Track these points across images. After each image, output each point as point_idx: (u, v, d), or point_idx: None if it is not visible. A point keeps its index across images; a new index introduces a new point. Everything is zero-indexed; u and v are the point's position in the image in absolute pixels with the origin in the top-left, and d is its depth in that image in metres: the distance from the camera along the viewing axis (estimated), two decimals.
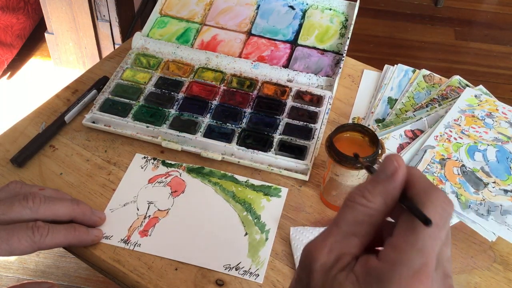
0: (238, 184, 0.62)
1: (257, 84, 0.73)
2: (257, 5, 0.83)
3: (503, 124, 0.67)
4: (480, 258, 0.57)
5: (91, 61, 1.76)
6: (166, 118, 0.68)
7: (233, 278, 0.54)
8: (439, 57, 1.97)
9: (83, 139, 0.67)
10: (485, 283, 0.55)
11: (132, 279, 0.53)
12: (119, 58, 0.77)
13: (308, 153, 0.64)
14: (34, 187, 0.55)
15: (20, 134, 0.66)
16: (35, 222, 0.50)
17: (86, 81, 0.74)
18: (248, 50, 0.78)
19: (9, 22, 1.74)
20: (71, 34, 1.69)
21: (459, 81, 0.74)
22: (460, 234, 0.59)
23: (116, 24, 1.66)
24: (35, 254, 1.31)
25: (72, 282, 1.27)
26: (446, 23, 2.13)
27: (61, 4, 1.60)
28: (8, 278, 1.28)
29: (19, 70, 1.83)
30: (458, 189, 0.59)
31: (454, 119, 0.67)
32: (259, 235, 0.57)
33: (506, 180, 0.61)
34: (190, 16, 0.82)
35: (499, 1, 2.28)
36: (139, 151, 0.66)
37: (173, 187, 0.62)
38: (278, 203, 0.61)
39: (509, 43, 2.04)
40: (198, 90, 0.71)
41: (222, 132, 0.66)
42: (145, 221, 0.58)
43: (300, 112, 0.69)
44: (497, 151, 0.64)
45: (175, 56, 0.76)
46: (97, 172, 0.63)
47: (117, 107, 0.68)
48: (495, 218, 0.57)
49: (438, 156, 0.63)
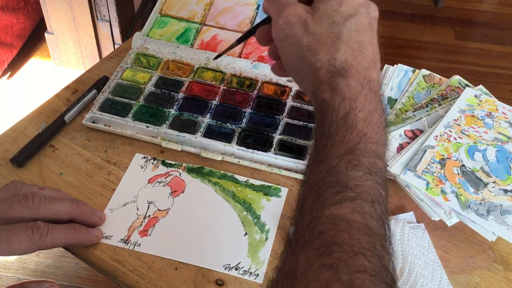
0: (238, 184, 0.62)
1: (257, 84, 0.73)
2: (257, 5, 0.83)
3: (503, 124, 0.67)
4: (480, 258, 0.57)
5: (91, 61, 1.75)
6: (166, 118, 0.68)
7: (233, 278, 0.54)
8: (439, 57, 1.97)
9: (83, 139, 0.67)
10: (485, 283, 0.55)
11: (132, 279, 0.53)
12: (119, 58, 0.77)
13: (308, 153, 0.64)
14: (34, 187, 0.55)
15: (20, 134, 0.66)
16: (35, 222, 0.50)
17: (86, 81, 0.74)
18: (248, 50, 0.78)
19: (9, 22, 1.74)
20: (71, 34, 1.69)
21: (459, 81, 0.74)
22: (460, 234, 0.59)
23: (116, 24, 1.66)
24: (35, 254, 1.31)
25: (72, 282, 1.27)
26: (446, 23, 2.13)
27: (61, 4, 1.60)
28: (8, 278, 1.28)
29: (19, 70, 1.83)
30: (458, 189, 0.59)
31: (454, 119, 0.67)
32: (259, 235, 0.57)
33: (506, 180, 0.61)
34: (190, 16, 0.82)
35: (499, 1, 2.28)
36: (139, 151, 0.66)
37: (173, 187, 0.62)
38: (278, 203, 0.61)
39: (509, 43, 2.04)
40: (198, 90, 0.71)
41: (222, 132, 0.66)
42: (145, 221, 0.58)
43: (300, 112, 0.69)
44: (497, 151, 0.64)
45: (175, 56, 0.76)
46: (97, 172, 0.63)
47: (117, 107, 0.68)
48: (495, 218, 0.57)
49: (438, 156, 0.63)
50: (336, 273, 0.33)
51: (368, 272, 0.33)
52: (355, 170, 0.38)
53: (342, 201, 0.36)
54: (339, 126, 0.40)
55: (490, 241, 0.57)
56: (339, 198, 0.37)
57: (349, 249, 0.34)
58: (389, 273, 0.35)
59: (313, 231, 0.35)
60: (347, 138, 0.39)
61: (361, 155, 0.39)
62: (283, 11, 0.44)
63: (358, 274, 0.33)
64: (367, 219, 0.36)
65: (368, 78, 0.42)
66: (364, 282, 0.33)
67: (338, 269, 0.33)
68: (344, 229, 0.35)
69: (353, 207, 0.36)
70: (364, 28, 0.44)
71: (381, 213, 0.37)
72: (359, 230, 0.35)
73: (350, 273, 0.33)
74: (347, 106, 0.41)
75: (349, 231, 0.35)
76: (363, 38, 0.43)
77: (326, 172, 0.38)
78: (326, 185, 0.38)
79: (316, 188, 0.38)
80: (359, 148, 0.39)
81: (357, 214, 0.36)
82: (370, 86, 0.42)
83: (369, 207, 0.36)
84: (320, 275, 0.33)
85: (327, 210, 0.36)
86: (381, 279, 0.34)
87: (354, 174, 0.38)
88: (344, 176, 0.38)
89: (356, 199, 0.36)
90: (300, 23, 0.43)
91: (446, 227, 0.58)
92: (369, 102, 0.41)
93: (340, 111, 0.40)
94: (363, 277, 0.33)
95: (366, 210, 0.36)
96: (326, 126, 0.41)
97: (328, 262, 0.33)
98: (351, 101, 0.41)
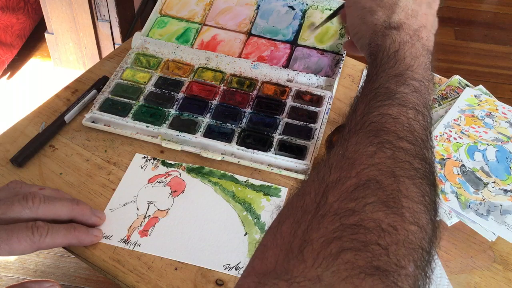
0: (238, 184, 0.62)
1: (257, 84, 0.73)
2: (257, 5, 0.83)
3: (503, 124, 0.67)
4: (480, 258, 0.57)
5: (91, 61, 1.75)
6: (166, 118, 0.68)
7: (233, 278, 0.54)
8: (439, 57, 1.97)
9: (83, 139, 0.67)
10: (485, 283, 0.55)
11: (132, 279, 0.53)
12: (119, 58, 0.77)
13: (308, 153, 0.64)
14: (34, 187, 0.55)
15: (20, 134, 0.66)
16: (34, 222, 0.50)
17: (86, 81, 0.74)
18: (248, 50, 0.78)
19: (9, 22, 1.74)
20: (71, 34, 1.69)
21: (459, 81, 0.75)
22: (460, 234, 0.59)
23: (116, 24, 1.66)
24: (35, 254, 1.31)
25: (72, 282, 1.27)
26: (446, 23, 2.13)
27: (61, 4, 1.60)
28: (8, 278, 1.28)
29: (19, 70, 1.83)
30: (458, 189, 0.59)
31: (454, 119, 0.67)
32: (259, 235, 0.57)
33: (506, 180, 0.61)
34: (190, 16, 0.82)
35: (499, 1, 2.28)
36: (139, 151, 0.66)
37: (173, 187, 0.62)
38: (278, 203, 0.61)
39: (509, 43, 2.04)
40: (198, 90, 0.71)
41: (222, 132, 0.66)
42: (145, 221, 0.58)
43: (300, 112, 0.69)
44: (496, 151, 0.64)
45: (175, 56, 0.76)
46: (97, 172, 0.63)
47: (117, 106, 0.68)
48: (494, 218, 0.57)
49: (438, 156, 0.63)
50: (382, 147, 0.38)
51: (410, 152, 0.38)
52: (403, 86, 0.44)
53: (390, 105, 0.42)
54: (390, 58, 0.47)
55: (490, 241, 0.57)
56: (388, 102, 0.42)
57: (395, 135, 0.39)
58: (429, 158, 0.39)
59: (364, 123, 0.41)
60: (396, 66, 0.46)
61: (408, 78, 0.44)
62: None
63: (401, 150, 0.38)
64: (411, 122, 0.41)
65: (417, 34, 0.49)
66: (406, 156, 0.37)
67: (384, 145, 0.38)
68: (391, 123, 0.40)
69: (399, 111, 0.41)
70: (421, 1, 0.52)
71: (425, 124, 0.42)
72: (404, 126, 0.40)
73: (394, 149, 0.38)
74: (396, 46, 0.47)
75: (395, 124, 0.40)
76: (418, 8, 0.51)
77: (378, 87, 0.44)
78: (377, 95, 0.43)
79: (368, 97, 0.43)
80: (407, 74, 0.45)
81: (403, 116, 0.41)
82: (418, 39, 0.49)
83: (414, 114, 0.41)
84: (367, 147, 0.38)
85: (377, 110, 0.41)
86: (422, 159, 0.38)
87: (402, 89, 0.43)
88: (394, 89, 0.43)
89: (403, 106, 0.42)
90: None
91: (446, 227, 0.58)
92: (416, 48, 0.48)
93: (390, 49, 0.47)
94: (405, 153, 0.38)
95: (411, 116, 0.41)
96: (378, 60, 0.47)
97: (376, 141, 0.38)
98: (401, 43, 0.48)
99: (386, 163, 0.36)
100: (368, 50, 0.51)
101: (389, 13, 0.50)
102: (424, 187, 0.36)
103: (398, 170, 0.36)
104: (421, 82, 0.45)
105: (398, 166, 0.36)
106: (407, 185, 0.35)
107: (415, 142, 0.39)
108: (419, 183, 0.36)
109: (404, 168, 0.36)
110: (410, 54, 0.47)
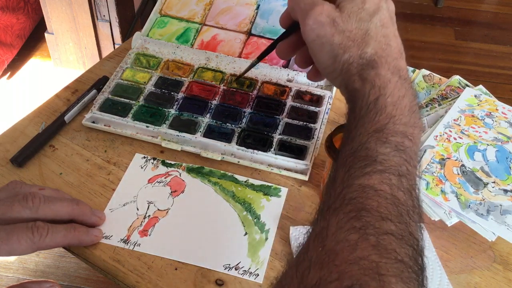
0: (238, 184, 0.62)
1: (257, 84, 0.73)
2: (257, 5, 0.83)
3: (503, 124, 0.67)
4: (480, 258, 0.57)
5: (91, 61, 1.76)
6: (166, 118, 0.68)
7: (233, 278, 0.54)
8: (439, 57, 1.97)
9: (83, 139, 0.67)
10: (485, 283, 0.55)
11: (132, 279, 0.53)
12: (119, 58, 0.77)
13: (308, 153, 0.64)
14: (34, 187, 0.55)
15: (20, 134, 0.66)
16: (34, 222, 0.50)
17: (86, 81, 0.74)
18: (248, 50, 0.78)
19: (9, 22, 1.74)
20: (71, 34, 1.69)
21: (459, 81, 0.75)
22: (460, 234, 0.59)
23: (116, 24, 1.66)
24: (35, 254, 1.31)
25: (72, 282, 1.27)
26: (446, 23, 2.13)
27: (61, 4, 1.60)
28: (8, 278, 1.28)
29: (19, 70, 1.83)
30: (458, 189, 0.59)
31: (454, 119, 0.67)
32: (259, 235, 0.57)
33: (506, 180, 0.61)
34: (190, 16, 0.82)
35: (499, 1, 2.28)
36: (139, 151, 0.66)
37: (173, 187, 0.62)
38: (278, 203, 0.61)
39: (509, 43, 2.04)
40: (198, 90, 0.71)
41: (222, 132, 0.66)
42: (144, 221, 0.58)
43: (300, 112, 0.69)
44: (496, 151, 0.64)
45: (175, 56, 0.76)
46: (97, 172, 0.63)
47: (117, 107, 0.68)
48: (494, 218, 0.57)
49: (438, 156, 0.63)
50: (364, 234, 0.35)
51: (395, 235, 0.36)
52: (384, 146, 0.41)
53: (371, 173, 0.39)
54: (369, 109, 0.43)
55: (490, 241, 0.57)
56: (368, 170, 0.39)
57: (377, 214, 0.36)
58: (415, 238, 0.37)
59: (344, 198, 0.38)
60: (377, 119, 0.42)
61: (389, 134, 0.41)
62: (312, 11, 0.46)
63: (385, 236, 0.35)
64: (394, 190, 0.38)
65: (397, 67, 0.45)
66: (391, 243, 0.35)
67: (366, 231, 0.35)
68: (373, 197, 0.38)
69: (381, 178, 0.39)
70: (387, 22, 0.47)
71: (409, 187, 0.40)
72: (387, 199, 0.38)
73: (377, 235, 0.35)
74: (376, 92, 0.43)
75: (377, 199, 0.37)
76: (387, 31, 0.47)
77: (357, 148, 0.41)
78: (356, 158, 0.41)
79: (347, 162, 0.41)
80: (388, 128, 0.42)
81: (385, 185, 0.38)
82: (399, 74, 0.45)
83: (396, 180, 0.39)
84: (349, 235, 0.35)
85: (357, 180, 0.39)
86: (407, 242, 0.36)
87: (383, 150, 0.41)
88: (374, 151, 0.40)
89: (384, 172, 0.39)
90: (330, 22, 0.45)
91: (446, 227, 0.58)
92: (399, 88, 0.44)
93: (370, 96, 0.43)
94: (390, 238, 0.35)
95: (394, 182, 0.39)
96: (357, 109, 0.44)
97: (357, 225, 0.36)
98: (381, 88, 0.43)
99: (370, 257, 0.34)
100: (346, 94, 0.47)
101: (362, 47, 0.45)
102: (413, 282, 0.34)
103: (383, 266, 0.34)
104: (404, 134, 0.42)
105: (383, 259, 0.34)
106: (393, 285, 0.33)
107: (400, 220, 0.37)
108: (406, 278, 0.34)
109: (390, 261, 0.34)
110: (392, 100, 0.43)
